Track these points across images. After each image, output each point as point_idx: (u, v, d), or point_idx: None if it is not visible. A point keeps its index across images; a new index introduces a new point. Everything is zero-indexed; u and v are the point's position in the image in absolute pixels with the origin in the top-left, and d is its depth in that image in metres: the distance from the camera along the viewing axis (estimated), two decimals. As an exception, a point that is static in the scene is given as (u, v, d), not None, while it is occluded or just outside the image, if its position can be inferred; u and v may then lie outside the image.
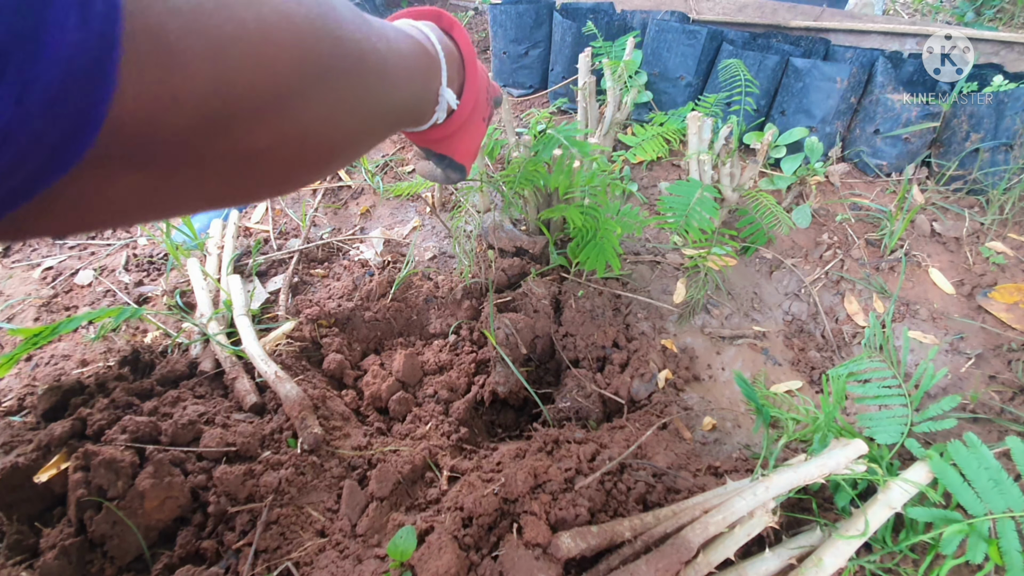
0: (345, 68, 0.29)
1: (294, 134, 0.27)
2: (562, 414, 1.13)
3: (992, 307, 1.30)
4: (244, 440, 0.92)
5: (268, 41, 0.23)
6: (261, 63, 0.23)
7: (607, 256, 1.15)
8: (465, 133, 0.56)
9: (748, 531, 0.77)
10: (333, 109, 0.29)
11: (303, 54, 0.25)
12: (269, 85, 0.24)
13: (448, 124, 0.52)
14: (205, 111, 0.22)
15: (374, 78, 0.33)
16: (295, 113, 0.26)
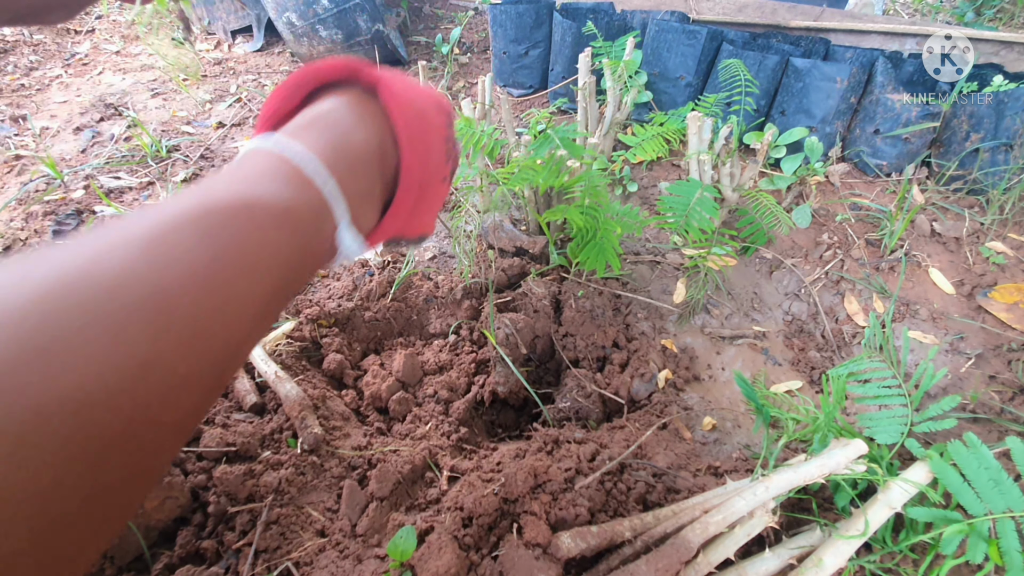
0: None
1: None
2: (562, 414, 1.13)
3: (992, 307, 1.30)
4: (244, 440, 0.92)
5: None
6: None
7: (607, 256, 1.15)
8: (415, 217, 0.42)
9: (748, 531, 0.77)
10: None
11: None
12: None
13: (382, 230, 0.39)
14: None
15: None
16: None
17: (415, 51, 2.35)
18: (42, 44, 2.46)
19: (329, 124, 0.34)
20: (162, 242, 0.23)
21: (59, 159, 1.80)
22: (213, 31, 2.53)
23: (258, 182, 0.29)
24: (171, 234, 0.23)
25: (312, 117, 0.35)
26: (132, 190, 1.69)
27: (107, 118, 2.00)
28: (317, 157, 0.31)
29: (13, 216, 1.60)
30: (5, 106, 2.06)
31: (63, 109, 2.07)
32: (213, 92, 2.12)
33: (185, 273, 0.23)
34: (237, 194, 0.27)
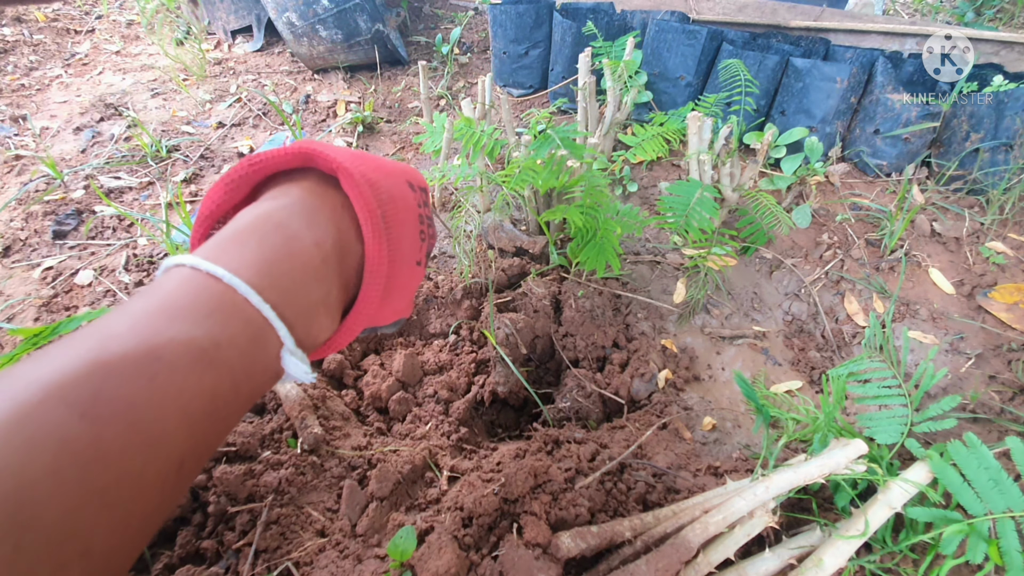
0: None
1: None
2: (562, 414, 1.13)
3: (992, 307, 1.30)
4: (244, 440, 0.92)
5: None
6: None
7: (607, 256, 1.15)
8: (385, 308, 0.38)
9: (748, 531, 0.77)
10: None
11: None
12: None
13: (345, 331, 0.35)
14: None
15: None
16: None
17: (415, 51, 2.35)
18: (42, 44, 2.46)
19: (269, 230, 0.30)
20: (25, 424, 0.19)
21: (59, 159, 1.80)
22: (213, 31, 2.53)
23: (175, 315, 0.25)
24: (38, 412, 0.20)
25: (250, 221, 0.30)
26: (132, 190, 1.69)
27: (107, 118, 2.00)
28: (246, 280, 0.27)
29: (13, 216, 1.60)
30: (5, 106, 2.06)
31: (63, 109, 2.07)
32: (213, 92, 2.12)
33: (52, 463, 0.19)
34: (141, 340, 0.23)
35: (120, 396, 0.22)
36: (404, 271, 0.38)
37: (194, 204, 1.64)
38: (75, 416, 0.20)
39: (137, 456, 0.22)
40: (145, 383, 0.22)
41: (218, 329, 0.25)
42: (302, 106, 2.03)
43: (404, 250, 0.37)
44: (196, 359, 0.24)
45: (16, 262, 1.47)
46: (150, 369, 0.23)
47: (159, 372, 0.23)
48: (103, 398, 0.21)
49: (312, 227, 0.31)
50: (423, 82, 1.55)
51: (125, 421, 0.22)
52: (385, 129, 1.93)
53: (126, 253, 1.48)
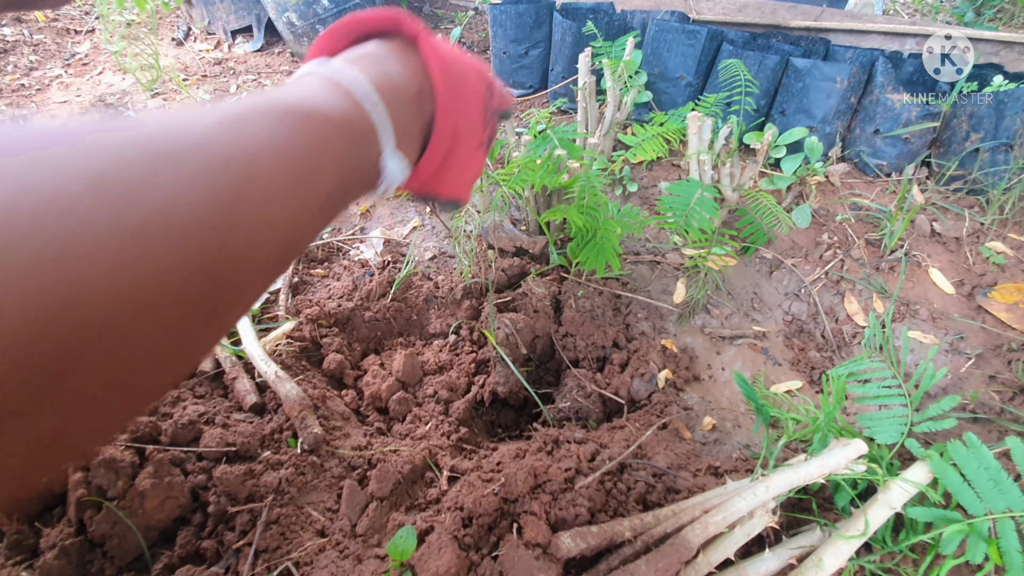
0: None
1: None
2: (562, 414, 1.13)
3: (992, 307, 1.30)
4: (244, 440, 0.92)
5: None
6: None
7: (607, 256, 1.15)
8: (448, 172, 0.43)
9: (748, 531, 0.77)
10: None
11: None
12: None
13: (416, 175, 0.39)
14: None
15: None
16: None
17: (415, 51, 2.35)
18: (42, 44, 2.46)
19: (375, 60, 0.35)
20: (238, 121, 0.24)
21: (59, 159, 1.80)
22: (213, 31, 2.53)
23: (315, 96, 0.29)
24: (245, 117, 0.24)
25: (359, 54, 0.36)
26: (132, 190, 1.69)
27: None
28: (369, 82, 0.32)
29: (13, 216, 1.60)
30: (5, 106, 2.06)
31: (63, 109, 2.07)
32: (213, 92, 2.12)
33: (263, 147, 0.24)
34: (300, 101, 0.28)
35: (296, 126, 0.26)
36: (468, 141, 0.42)
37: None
38: (271, 125, 0.25)
39: (311, 171, 0.26)
40: (310, 125, 0.27)
41: (347, 114, 0.30)
42: (302, 106, 2.03)
43: (468, 120, 0.42)
44: (337, 127, 0.29)
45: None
46: (312, 119, 0.27)
47: (317, 123, 0.28)
48: (285, 122, 0.26)
49: (404, 70, 0.36)
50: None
51: (303, 144, 0.26)
52: (385, 129, 1.92)
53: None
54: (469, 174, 0.46)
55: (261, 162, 0.23)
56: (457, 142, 0.41)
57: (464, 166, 0.44)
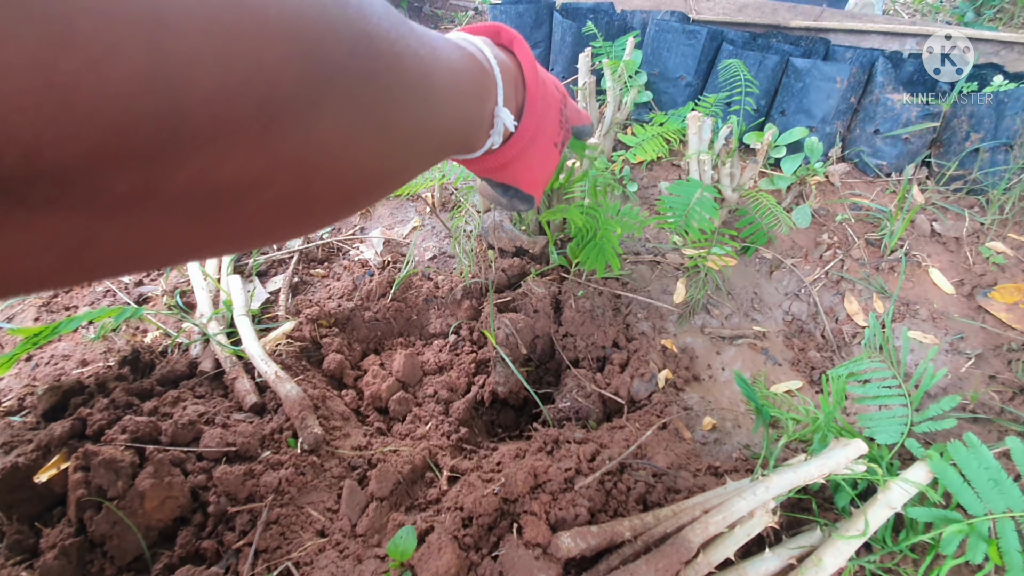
0: (372, 72, 0.22)
1: (294, 162, 0.20)
2: (562, 414, 1.13)
3: (992, 307, 1.30)
4: (244, 440, 0.92)
5: (246, 22, 0.16)
6: (234, 56, 0.16)
7: (607, 256, 1.15)
8: (530, 160, 0.48)
9: (748, 531, 0.77)
10: (353, 128, 0.22)
11: (307, 47, 0.18)
12: (249, 91, 0.17)
13: (506, 150, 0.45)
14: (137, 127, 0.14)
15: (413, 90, 0.26)
16: (294, 133, 0.19)
17: (415, 51, 2.35)
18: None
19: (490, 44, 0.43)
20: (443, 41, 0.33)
21: (59, 159, 1.80)
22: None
23: (464, 43, 0.38)
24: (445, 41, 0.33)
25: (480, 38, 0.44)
26: (132, 190, 1.69)
27: (107, 118, 2.00)
28: (491, 50, 0.40)
29: (13, 216, 1.60)
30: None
31: (63, 109, 2.07)
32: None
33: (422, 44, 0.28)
34: (471, 48, 0.37)
35: (445, 52, 0.32)
36: (546, 138, 0.49)
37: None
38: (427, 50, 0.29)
39: (450, 88, 0.32)
40: (454, 48, 0.35)
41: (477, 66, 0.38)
42: (302, 106, 2.03)
43: (549, 117, 0.48)
44: (480, 67, 0.38)
45: (16, 262, 1.47)
46: (471, 53, 0.37)
47: (474, 57, 0.37)
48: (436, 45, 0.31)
49: (509, 57, 0.44)
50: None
51: (444, 66, 0.31)
52: (385, 129, 1.93)
53: (126, 253, 1.48)
54: (547, 169, 0.52)
55: (443, 59, 0.31)
56: (539, 133, 0.47)
57: (543, 161, 0.50)
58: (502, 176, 0.49)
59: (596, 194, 1.16)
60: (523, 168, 0.48)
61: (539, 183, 0.53)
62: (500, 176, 0.49)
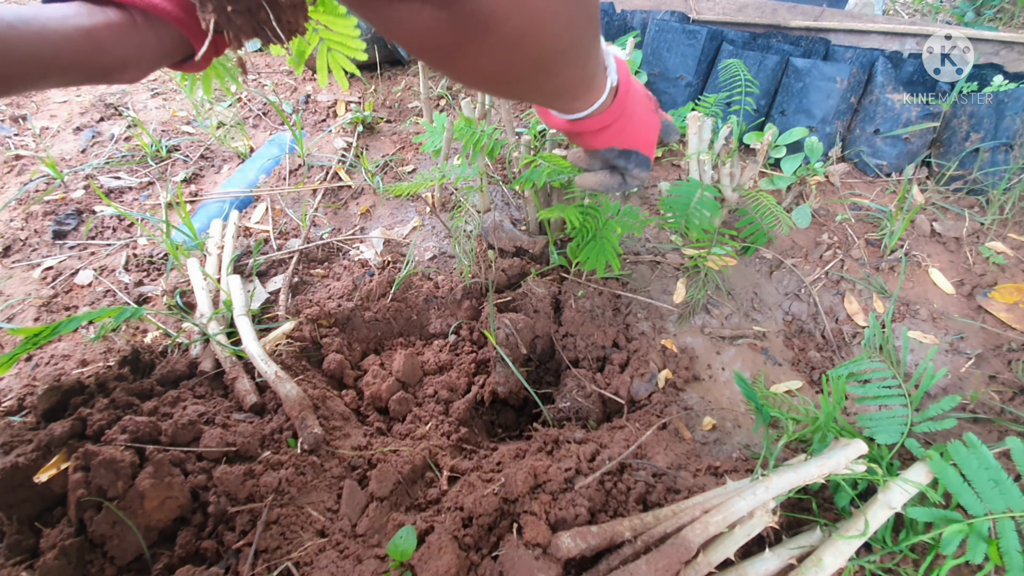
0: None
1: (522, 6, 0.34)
2: (562, 414, 1.13)
3: (992, 307, 1.30)
4: (244, 440, 0.92)
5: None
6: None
7: (607, 256, 1.15)
8: (638, 116, 0.56)
9: (748, 531, 0.77)
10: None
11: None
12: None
13: (617, 102, 0.53)
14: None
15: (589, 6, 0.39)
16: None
17: (415, 51, 2.35)
18: (42, 44, 2.46)
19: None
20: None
21: (59, 159, 1.80)
22: (213, 31, 2.53)
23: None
24: None
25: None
26: (132, 190, 1.69)
27: (107, 118, 2.00)
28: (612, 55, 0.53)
29: (13, 216, 1.60)
30: (5, 106, 2.06)
31: (63, 109, 2.07)
32: (215, 91, 2.12)
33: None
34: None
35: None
36: (642, 101, 0.59)
37: (194, 204, 1.64)
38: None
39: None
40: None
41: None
42: (302, 106, 2.03)
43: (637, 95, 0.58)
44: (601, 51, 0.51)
45: (16, 262, 1.47)
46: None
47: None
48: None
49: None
50: (423, 82, 1.55)
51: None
52: (385, 129, 1.92)
53: (126, 253, 1.48)
54: (653, 131, 0.61)
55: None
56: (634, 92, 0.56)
57: (647, 121, 0.59)
58: (623, 136, 0.56)
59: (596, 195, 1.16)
60: (636, 125, 0.56)
61: (652, 143, 0.61)
62: (618, 133, 0.56)
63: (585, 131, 0.56)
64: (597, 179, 0.64)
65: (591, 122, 0.54)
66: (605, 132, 0.56)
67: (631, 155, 0.59)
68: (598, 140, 0.58)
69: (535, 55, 0.38)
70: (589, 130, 0.56)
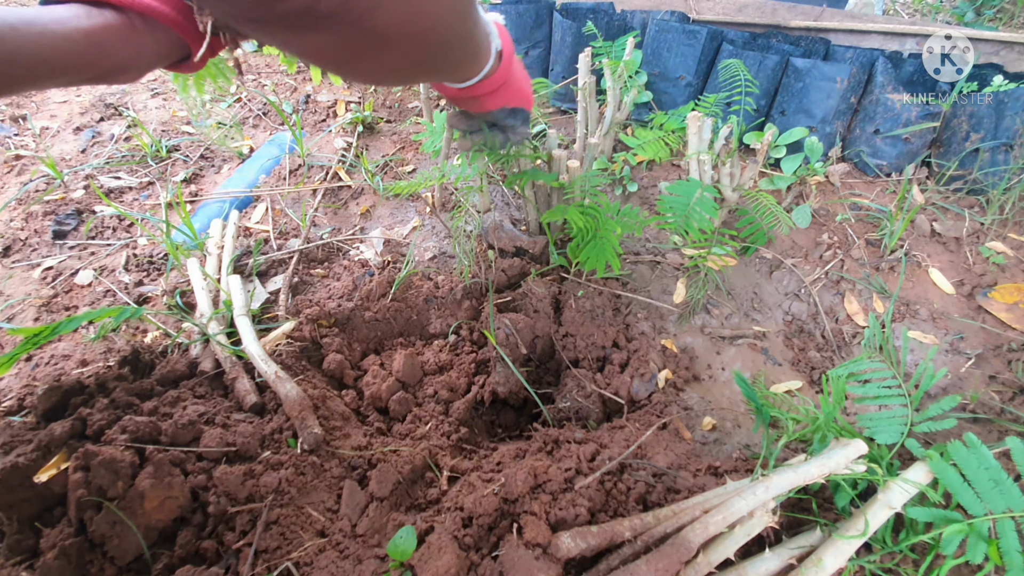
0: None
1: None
2: (562, 414, 1.13)
3: (992, 307, 1.30)
4: (244, 440, 0.92)
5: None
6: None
7: (607, 256, 1.15)
8: (520, 76, 0.61)
9: (748, 531, 0.77)
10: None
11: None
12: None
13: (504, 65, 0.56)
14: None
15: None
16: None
17: (415, 51, 2.35)
18: (42, 44, 2.46)
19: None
20: None
21: (59, 159, 1.80)
22: (213, 31, 2.53)
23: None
24: None
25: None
26: (132, 190, 1.69)
27: (107, 118, 2.00)
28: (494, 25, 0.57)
29: (13, 216, 1.60)
30: (5, 106, 2.06)
31: (63, 109, 2.07)
32: (213, 92, 2.12)
33: None
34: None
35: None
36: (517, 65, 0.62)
37: (194, 204, 1.64)
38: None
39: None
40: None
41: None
42: (302, 106, 2.03)
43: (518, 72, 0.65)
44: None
45: (16, 262, 1.47)
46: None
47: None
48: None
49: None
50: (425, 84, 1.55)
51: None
52: (385, 129, 1.93)
53: (126, 253, 1.48)
54: (529, 85, 0.66)
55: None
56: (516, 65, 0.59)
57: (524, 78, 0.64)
58: (507, 92, 0.59)
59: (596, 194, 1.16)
60: (520, 83, 0.60)
61: (531, 99, 0.67)
62: (506, 93, 0.59)
63: (478, 95, 0.59)
64: (479, 139, 0.69)
65: (482, 86, 0.57)
66: (496, 94, 0.60)
67: (518, 112, 0.64)
68: (490, 102, 0.62)
69: (430, 51, 0.40)
70: (481, 94, 0.59)
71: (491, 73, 0.57)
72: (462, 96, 0.60)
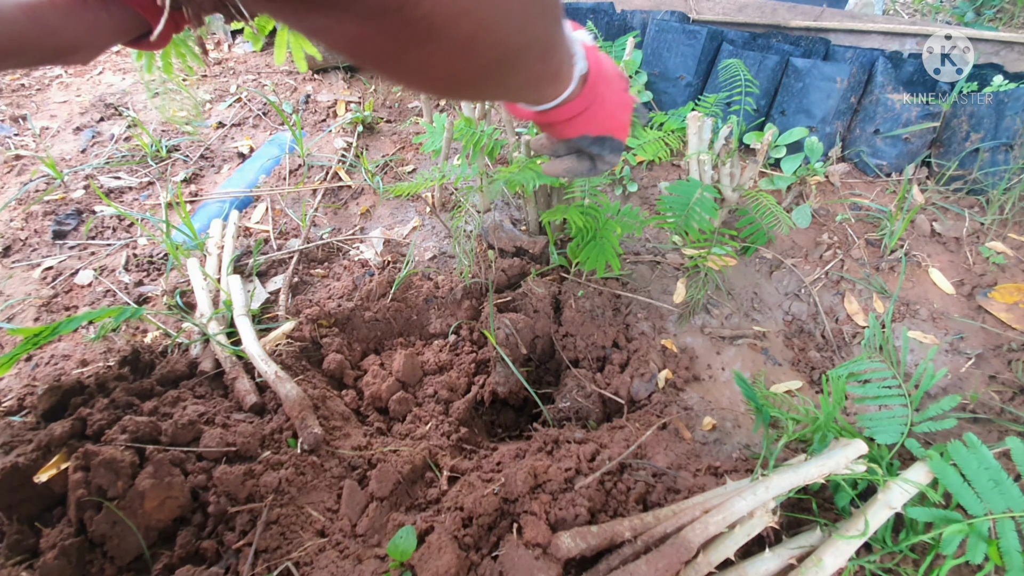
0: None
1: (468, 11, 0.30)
2: (562, 414, 1.13)
3: (992, 307, 1.30)
4: (244, 440, 0.92)
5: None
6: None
7: (607, 256, 1.15)
8: (611, 102, 0.54)
9: (748, 531, 0.77)
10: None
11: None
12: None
13: (588, 88, 0.51)
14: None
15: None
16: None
17: (415, 51, 2.35)
18: (42, 44, 2.46)
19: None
20: None
21: (59, 159, 1.80)
22: (214, 31, 2.53)
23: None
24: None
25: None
26: (132, 190, 1.69)
27: (107, 118, 2.00)
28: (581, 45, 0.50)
29: (13, 216, 1.60)
30: (5, 106, 2.06)
31: (63, 109, 2.07)
32: (213, 92, 2.12)
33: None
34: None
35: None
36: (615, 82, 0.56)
37: (194, 204, 1.64)
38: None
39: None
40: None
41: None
42: (302, 106, 2.03)
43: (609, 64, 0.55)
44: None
45: (16, 262, 1.47)
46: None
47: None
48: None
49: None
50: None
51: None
52: (385, 129, 1.93)
53: (126, 253, 1.48)
54: (625, 113, 0.59)
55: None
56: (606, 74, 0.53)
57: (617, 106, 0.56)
58: (591, 120, 0.54)
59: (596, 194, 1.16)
60: (608, 110, 0.54)
61: (626, 126, 0.59)
62: (590, 120, 0.54)
63: (555, 121, 0.54)
64: (565, 165, 0.62)
65: (560, 112, 0.52)
66: (576, 121, 0.54)
67: (605, 141, 0.57)
68: (570, 129, 0.55)
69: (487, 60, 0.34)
70: (559, 120, 0.53)
71: (571, 98, 0.51)
72: (538, 120, 0.54)
